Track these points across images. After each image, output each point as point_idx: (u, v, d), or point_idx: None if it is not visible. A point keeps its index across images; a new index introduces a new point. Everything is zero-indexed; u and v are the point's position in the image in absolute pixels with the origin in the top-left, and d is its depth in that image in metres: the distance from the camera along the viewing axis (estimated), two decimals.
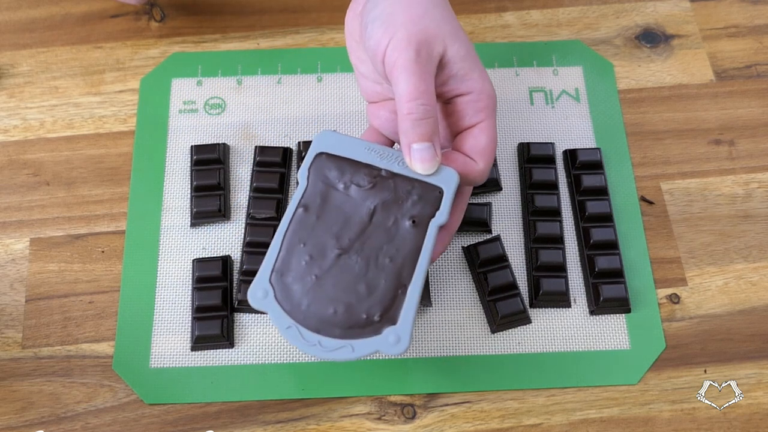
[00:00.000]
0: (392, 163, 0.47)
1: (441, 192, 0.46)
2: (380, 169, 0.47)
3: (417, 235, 0.45)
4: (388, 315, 0.44)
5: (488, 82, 0.47)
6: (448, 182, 0.46)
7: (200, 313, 0.54)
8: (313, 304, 0.44)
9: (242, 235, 0.57)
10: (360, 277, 0.45)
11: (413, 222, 0.45)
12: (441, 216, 0.45)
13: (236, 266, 0.56)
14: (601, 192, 0.58)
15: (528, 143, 0.59)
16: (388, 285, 0.44)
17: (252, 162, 0.59)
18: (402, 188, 0.46)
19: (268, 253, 0.46)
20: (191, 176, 0.59)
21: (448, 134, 0.49)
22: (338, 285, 0.44)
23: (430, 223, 0.45)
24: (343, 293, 0.44)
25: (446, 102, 0.48)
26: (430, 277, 0.56)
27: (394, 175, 0.47)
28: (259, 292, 0.45)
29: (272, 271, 0.45)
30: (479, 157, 0.47)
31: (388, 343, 0.43)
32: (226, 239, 0.57)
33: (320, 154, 0.47)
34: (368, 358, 0.50)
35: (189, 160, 0.60)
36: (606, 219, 0.57)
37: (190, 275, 0.56)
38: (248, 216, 0.57)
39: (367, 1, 0.48)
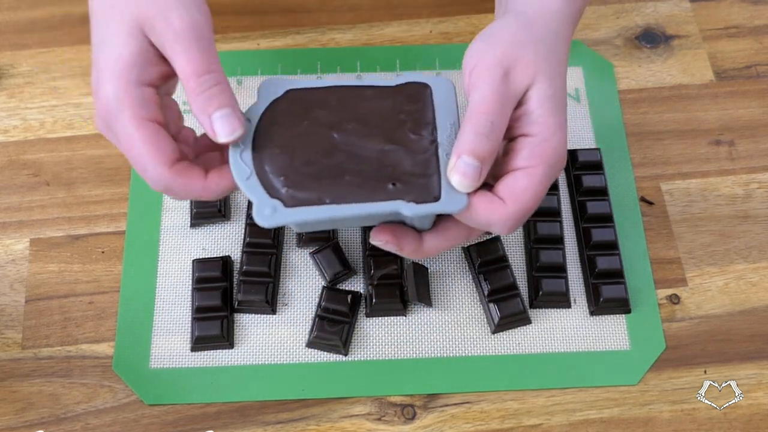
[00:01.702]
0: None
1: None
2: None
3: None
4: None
5: (561, 134, 0.43)
6: (453, 201, 0.43)
7: (200, 313, 0.54)
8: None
9: (242, 235, 0.57)
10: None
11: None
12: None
13: (236, 267, 0.56)
14: (601, 192, 0.58)
15: None
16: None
17: None
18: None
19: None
20: None
21: (498, 173, 0.45)
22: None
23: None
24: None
25: (511, 139, 0.44)
26: (430, 278, 0.56)
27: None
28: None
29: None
30: (510, 200, 0.42)
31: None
32: (226, 240, 0.57)
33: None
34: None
35: None
36: (606, 219, 0.57)
37: (190, 276, 0.56)
38: (248, 216, 0.57)
39: (490, 24, 0.46)
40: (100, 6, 0.44)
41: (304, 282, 0.56)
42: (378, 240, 0.46)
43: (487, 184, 0.44)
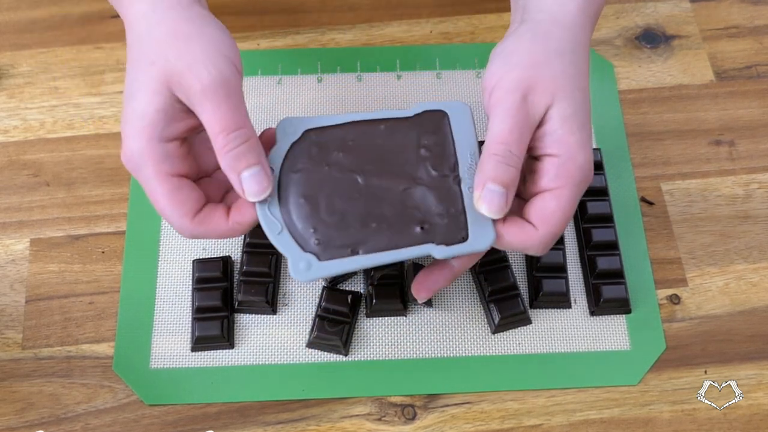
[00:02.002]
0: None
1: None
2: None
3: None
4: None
5: (585, 152, 0.43)
6: (482, 238, 0.44)
7: (200, 313, 0.54)
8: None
9: (242, 235, 0.57)
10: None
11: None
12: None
13: (236, 267, 0.56)
14: (602, 192, 0.58)
15: None
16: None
17: None
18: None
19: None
20: None
21: (522, 193, 0.46)
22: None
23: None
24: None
25: (534, 158, 0.45)
26: None
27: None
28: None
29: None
30: (541, 223, 0.43)
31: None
32: (227, 240, 0.57)
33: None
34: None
35: None
36: (606, 219, 0.57)
37: (190, 276, 0.56)
38: None
39: (507, 36, 0.46)
40: (132, 55, 0.45)
41: (304, 282, 0.56)
42: (421, 298, 0.49)
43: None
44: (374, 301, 0.54)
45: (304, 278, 0.43)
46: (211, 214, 0.44)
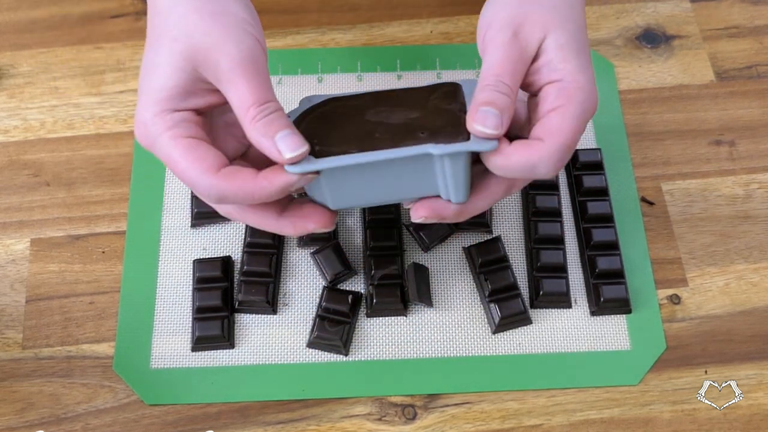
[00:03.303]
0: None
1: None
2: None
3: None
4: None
5: (585, 74, 0.43)
6: (484, 142, 0.42)
7: (201, 313, 0.54)
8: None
9: (243, 235, 0.57)
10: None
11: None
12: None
13: (237, 267, 0.56)
14: (602, 192, 0.58)
15: None
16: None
17: None
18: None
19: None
20: None
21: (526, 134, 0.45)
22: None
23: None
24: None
25: (535, 94, 0.45)
26: (430, 278, 0.56)
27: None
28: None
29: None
30: (547, 135, 0.42)
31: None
32: (227, 240, 0.57)
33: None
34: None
35: None
36: (606, 219, 0.57)
37: (191, 276, 0.56)
38: None
39: None
40: (156, 29, 0.44)
41: (304, 282, 0.56)
42: (418, 217, 0.46)
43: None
44: (375, 300, 0.54)
45: (298, 169, 0.42)
46: (237, 170, 0.42)
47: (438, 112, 0.45)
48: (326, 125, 0.45)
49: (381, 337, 0.54)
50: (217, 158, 0.43)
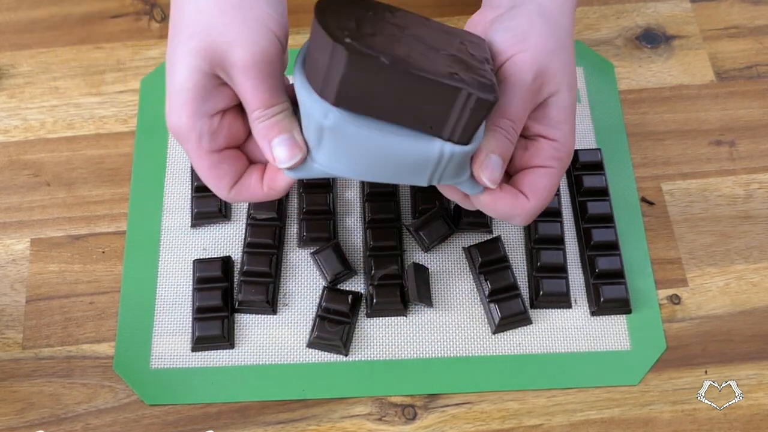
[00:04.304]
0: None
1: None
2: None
3: None
4: None
5: (573, 137, 0.47)
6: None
7: (201, 313, 0.54)
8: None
9: (243, 235, 0.57)
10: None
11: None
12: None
13: (237, 267, 0.56)
14: (602, 193, 0.58)
15: None
16: None
17: None
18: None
19: None
20: (192, 177, 0.59)
21: (513, 167, 0.48)
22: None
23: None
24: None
25: (527, 137, 0.47)
26: (430, 278, 0.56)
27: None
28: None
29: None
30: (533, 195, 0.46)
31: None
32: (227, 240, 0.57)
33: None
34: None
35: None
36: (606, 220, 0.57)
37: (191, 276, 0.56)
38: (249, 217, 0.57)
39: (506, 11, 0.46)
40: (176, 23, 0.44)
41: (304, 282, 0.56)
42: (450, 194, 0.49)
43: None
44: (375, 300, 0.54)
45: (293, 175, 0.43)
46: (246, 183, 0.46)
47: (470, 59, 0.42)
48: (358, 20, 0.41)
49: (381, 337, 0.54)
50: (234, 176, 0.45)
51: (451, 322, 0.55)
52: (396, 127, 0.41)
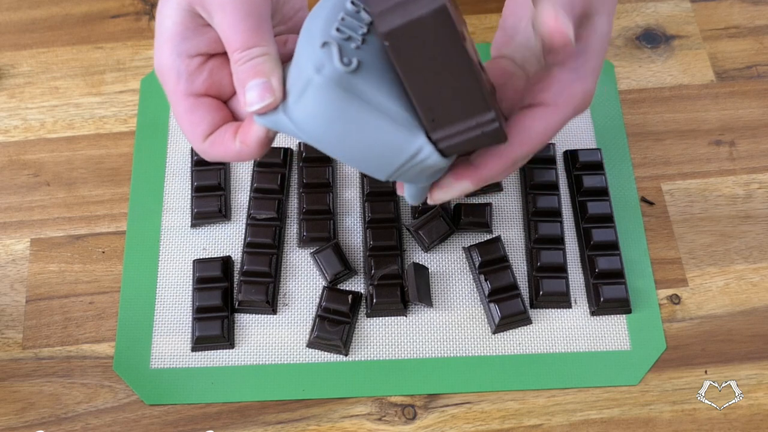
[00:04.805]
0: None
1: None
2: None
3: None
4: None
5: (594, 85, 0.44)
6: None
7: (200, 313, 0.54)
8: None
9: (243, 235, 0.57)
10: None
11: None
12: None
13: (237, 267, 0.56)
14: (602, 193, 0.58)
15: None
16: None
17: (252, 162, 0.59)
18: None
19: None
20: (192, 177, 0.59)
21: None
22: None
23: None
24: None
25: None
26: (430, 278, 0.56)
27: None
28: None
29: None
30: (519, 140, 0.42)
31: None
32: (227, 240, 0.57)
33: None
34: None
35: (189, 160, 0.60)
36: (606, 220, 0.57)
37: (191, 276, 0.56)
38: (249, 217, 0.57)
39: None
40: None
41: (304, 282, 0.56)
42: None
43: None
44: (375, 300, 0.54)
45: (264, 122, 0.41)
46: (221, 137, 0.43)
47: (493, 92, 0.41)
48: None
49: (381, 337, 0.54)
50: (210, 125, 0.43)
51: (450, 322, 0.55)
52: (385, 107, 0.39)
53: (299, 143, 0.60)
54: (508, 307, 0.53)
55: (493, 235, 0.57)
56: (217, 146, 0.43)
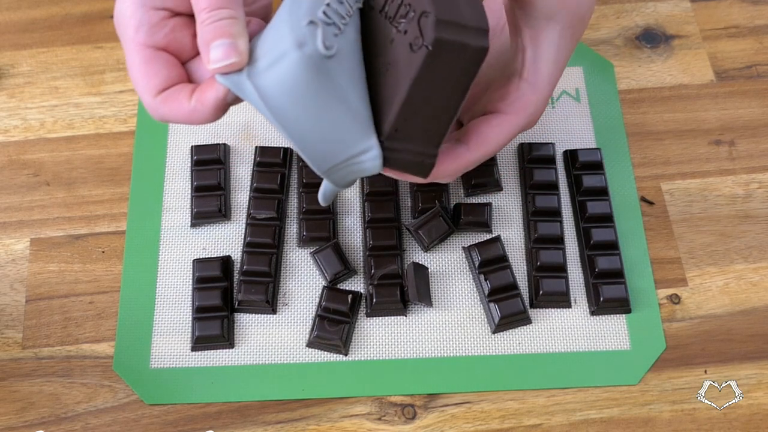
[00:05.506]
0: None
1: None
2: None
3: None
4: None
5: (550, 91, 0.45)
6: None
7: (200, 313, 0.54)
8: None
9: (242, 235, 0.57)
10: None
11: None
12: None
13: (236, 266, 0.56)
14: (602, 192, 0.58)
15: (528, 143, 0.59)
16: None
17: (252, 162, 0.59)
18: None
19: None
20: (191, 176, 0.59)
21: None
22: None
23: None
24: None
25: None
26: (430, 278, 0.56)
27: None
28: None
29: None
30: (476, 145, 0.44)
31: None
32: (227, 239, 0.57)
33: None
34: None
35: (189, 160, 0.60)
36: (606, 219, 0.57)
37: (191, 275, 0.56)
38: (249, 216, 0.57)
39: None
40: None
41: (304, 282, 0.56)
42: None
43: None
44: (374, 300, 0.54)
45: (225, 82, 0.40)
46: (175, 93, 0.41)
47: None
48: None
49: (381, 336, 0.54)
50: (166, 80, 0.42)
51: (450, 321, 0.55)
52: (350, 100, 0.40)
53: None
54: (507, 306, 0.53)
55: (493, 235, 0.57)
56: (170, 103, 0.41)
